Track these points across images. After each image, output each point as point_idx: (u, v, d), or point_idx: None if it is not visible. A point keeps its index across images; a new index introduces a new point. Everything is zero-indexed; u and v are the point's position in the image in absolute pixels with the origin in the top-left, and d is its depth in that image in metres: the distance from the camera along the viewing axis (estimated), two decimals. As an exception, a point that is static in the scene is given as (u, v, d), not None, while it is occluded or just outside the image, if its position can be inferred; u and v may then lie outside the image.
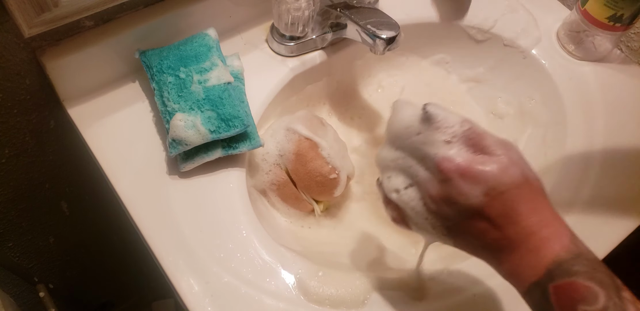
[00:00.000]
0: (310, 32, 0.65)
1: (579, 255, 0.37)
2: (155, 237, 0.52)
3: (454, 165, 0.39)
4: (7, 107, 0.59)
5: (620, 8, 0.63)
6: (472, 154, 0.39)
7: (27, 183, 0.71)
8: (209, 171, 0.56)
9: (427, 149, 0.41)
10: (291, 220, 0.63)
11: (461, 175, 0.38)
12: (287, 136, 0.60)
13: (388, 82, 0.76)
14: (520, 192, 0.38)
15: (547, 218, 0.39)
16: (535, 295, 0.37)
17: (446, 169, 0.39)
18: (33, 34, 0.50)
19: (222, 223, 0.54)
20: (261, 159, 0.61)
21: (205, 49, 0.57)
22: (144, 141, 0.58)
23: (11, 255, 0.82)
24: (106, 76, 0.60)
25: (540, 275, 0.37)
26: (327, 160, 0.59)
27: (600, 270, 0.37)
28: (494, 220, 0.38)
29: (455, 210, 0.40)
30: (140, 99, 0.61)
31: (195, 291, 0.49)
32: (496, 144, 0.40)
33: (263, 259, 0.52)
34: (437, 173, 0.40)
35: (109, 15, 0.58)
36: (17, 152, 0.65)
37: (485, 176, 0.38)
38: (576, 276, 0.36)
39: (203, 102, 0.54)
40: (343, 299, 0.51)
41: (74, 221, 0.84)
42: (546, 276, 0.37)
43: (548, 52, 0.71)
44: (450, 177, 0.39)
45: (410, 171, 0.42)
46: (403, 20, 0.62)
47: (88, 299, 1.09)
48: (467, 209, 0.39)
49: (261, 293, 0.50)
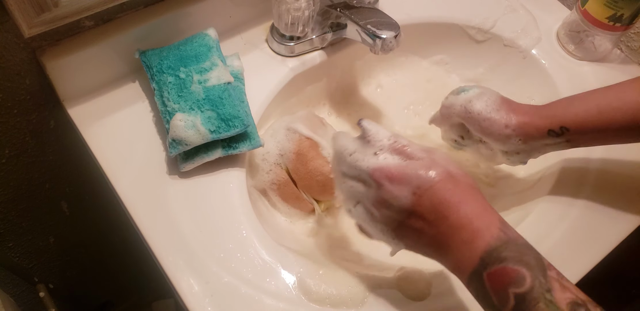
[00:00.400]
0: (310, 32, 0.65)
1: (507, 242, 0.40)
2: (155, 237, 0.52)
3: (382, 172, 0.43)
4: (7, 107, 0.59)
5: (620, 8, 0.63)
6: (399, 161, 0.44)
7: (27, 183, 0.71)
8: (209, 171, 0.56)
9: (360, 164, 0.45)
10: (291, 220, 0.63)
11: (390, 179, 0.43)
12: (288, 135, 0.60)
13: (388, 82, 0.76)
14: (444, 186, 0.42)
15: (475, 210, 0.42)
16: (474, 284, 0.41)
17: (377, 177, 0.43)
18: (33, 34, 0.50)
19: (222, 223, 0.54)
20: (261, 158, 0.61)
21: (205, 49, 0.57)
22: (144, 141, 0.58)
23: (11, 255, 0.82)
24: (106, 76, 0.60)
25: (475, 264, 0.40)
26: (327, 159, 0.59)
27: (527, 254, 0.40)
28: (426, 217, 0.42)
29: (393, 212, 0.43)
30: (140, 99, 0.61)
31: (195, 291, 0.49)
32: (419, 150, 0.45)
33: (263, 259, 0.52)
34: (372, 183, 0.44)
35: (109, 15, 0.58)
36: (17, 152, 0.65)
37: (410, 176, 0.42)
38: (506, 262, 0.39)
39: (203, 102, 0.54)
40: (343, 298, 0.51)
41: (74, 221, 0.84)
42: (480, 265, 0.40)
43: (548, 52, 0.71)
44: (381, 183, 0.43)
45: (353, 190, 0.46)
46: (403, 20, 0.62)
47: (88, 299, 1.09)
48: (402, 209, 0.43)
49: (261, 293, 0.50)
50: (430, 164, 0.43)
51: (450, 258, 0.42)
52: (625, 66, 0.71)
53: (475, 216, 0.41)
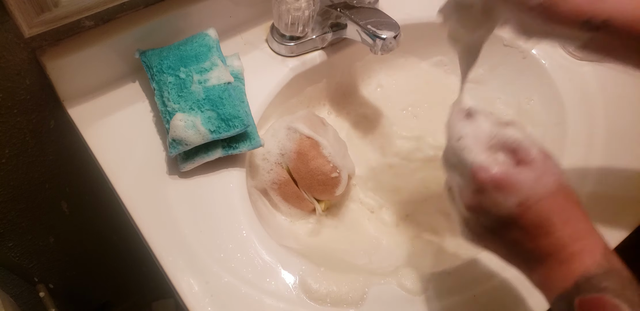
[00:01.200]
0: (310, 32, 0.65)
1: (609, 271, 0.37)
2: (155, 237, 0.52)
3: (489, 176, 0.39)
4: (7, 107, 0.59)
5: (621, 8, 0.62)
6: (507, 164, 0.39)
7: (27, 183, 0.71)
8: (209, 171, 0.56)
9: (465, 156, 0.40)
10: (292, 219, 0.63)
11: (495, 186, 0.38)
12: (289, 135, 0.60)
13: (387, 82, 0.76)
14: (554, 201, 0.38)
15: (580, 230, 0.38)
16: (561, 307, 0.37)
17: (481, 180, 0.39)
18: (33, 34, 0.50)
19: (222, 223, 0.54)
20: (262, 158, 0.61)
21: (206, 49, 0.57)
22: (144, 141, 0.58)
23: (11, 255, 0.82)
24: (106, 76, 0.60)
25: (568, 287, 0.37)
26: (328, 159, 0.59)
27: (630, 288, 0.36)
28: (528, 230, 0.38)
29: (489, 220, 0.40)
30: (140, 99, 0.61)
31: (195, 291, 0.49)
32: (534, 150, 0.40)
33: (263, 259, 0.52)
34: (472, 182, 0.40)
35: (109, 15, 0.58)
36: (17, 153, 0.65)
37: (519, 186, 0.38)
38: (604, 292, 0.36)
39: (203, 102, 0.54)
40: (343, 297, 0.51)
41: (74, 221, 0.84)
42: (574, 289, 0.37)
43: (548, 52, 0.71)
44: (484, 188, 0.39)
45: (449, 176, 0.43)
46: (403, 20, 0.62)
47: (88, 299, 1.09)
48: (500, 219, 0.39)
49: (261, 293, 0.50)
50: (544, 172, 0.39)
51: (539, 275, 0.39)
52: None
53: (580, 237, 0.38)
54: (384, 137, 0.71)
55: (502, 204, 0.38)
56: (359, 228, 0.64)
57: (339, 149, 0.62)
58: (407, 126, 0.72)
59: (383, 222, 0.65)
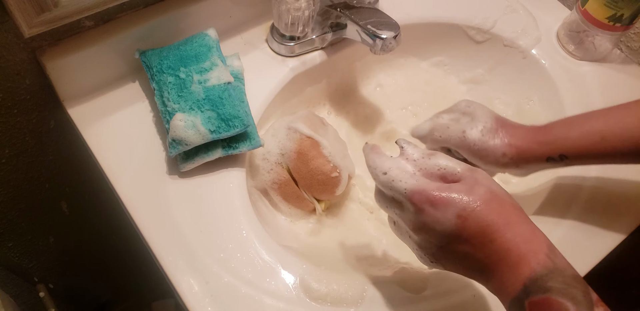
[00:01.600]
0: (310, 32, 0.65)
1: (554, 271, 0.38)
2: (155, 237, 0.52)
3: (423, 196, 0.41)
4: (7, 107, 0.59)
5: (620, 8, 0.63)
6: (439, 183, 0.42)
7: (27, 183, 0.71)
8: (209, 171, 0.56)
9: (396, 186, 0.42)
10: (292, 219, 0.63)
11: (432, 203, 0.40)
12: (289, 134, 0.60)
13: (387, 82, 0.76)
14: (490, 208, 0.40)
15: (522, 232, 0.40)
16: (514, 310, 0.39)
17: (416, 201, 0.41)
18: (33, 34, 0.50)
19: (222, 222, 0.54)
20: (262, 158, 0.61)
21: (205, 49, 0.57)
22: (144, 141, 0.58)
23: (11, 255, 0.82)
24: (106, 76, 0.60)
25: (518, 291, 0.38)
26: (328, 159, 0.59)
27: (575, 286, 0.37)
28: (472, 241, 0.40)
29: (434, 237, 0.41)
30: (140, 99, 0.61)
31: (195, 291, 0.49)
32: (460, 168, 0.43)
33: (263, 259, 0.52)
34: (410, 206, 0.41)
35: (109, 15, 0.58)
36: (17, 152, 0.65)
37: (453, 200, 0.40)
38: (550, 292, 0.37)
39: (203, 102, 0.54)
40: (343, 297, 0.51)
41: (74, 221, 0.84)
42: (523, 292, 0.38)
43: (548, 52, 0.71)
44: (422, 208, 0.41)
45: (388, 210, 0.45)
46: (403, 20, 0.62)
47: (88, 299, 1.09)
48: (445, 234, 0.40)
49: (261, 293, 0.50)
50: (474, 183, 0.41)
51: (493, 281, 0.40)
52: (625, 66, 0.71)
53: (522, 240, 0.39)
54: (384, 137, 0.71)
55: (443, 219, 0.40)
56: (359, 228, 0.64)
57: (339, 149, 0.62)
58: (406, 124, 0.72)
59: (383, 222, 0.65)
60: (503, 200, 0.41)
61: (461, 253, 0.41)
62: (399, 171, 0.43)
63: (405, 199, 0.42)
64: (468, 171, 0.42)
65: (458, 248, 0.40)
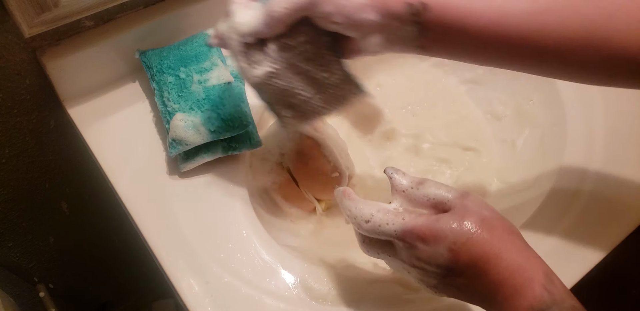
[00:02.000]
0: (310, 32, 0.64)
1: (551, 306, 0.37)
2: (156, 237, 0.52)
3: (414, 234, 0.40)
4: (7, 107, 0.59)
5: (620, 8, 0.63)
6: (426, 217, 0.40)
7: (27, 183, 0.71)
8: (209, 171, 0.57)
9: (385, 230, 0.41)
10: (293, 219, 0.63)
11: (422, 241, 0.40)
12: (289, 134, 0.60)
13: (387, 81, 0.76)
14: (482, 237, 0.39)
15: (516, 261, 0.39)
16: None
17: (410, 240, 0.40)
18: (33, 34, 0.50)
19: (222, 223, 0.54)
20: (262, 158, 0.61)
21: (206, 49, 0.57)
22: (144, 141, 0.58)
23: (11, 255, 0.82)
24: (106, 76, 0.60)
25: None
26: (329, 159, 0.59)
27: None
28: (467, 273, 0.39)
29: (430, 272, 0.41)
30: (140, 99, 0.61)
31: (195, 291, 0.49)
32: (448, 199, 0.41)
33: (263, 259, 0.52)
34: (401, 245, 0.41)
35: (109, 15, 0.58)
36: (17, 152, 0.65)
37: (443, 234, 0.39)
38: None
39: (203, 102, 0.54)
40: (344, 296, 0.51)
41: (74, 221, 0.84)
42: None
43: (548, 52, 0.71)
44: (414, 245, 0.40)
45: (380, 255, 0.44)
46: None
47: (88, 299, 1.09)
48: (441, 267, 0.40)
49: (261, 293, 0.50)
50: (464, 213, 0.40)
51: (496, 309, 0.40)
52: (625, 66, 0.71)
53: (516, 269, 0.38)
54: (384, 137, 0.71)
55: (436, 254, 0.39)
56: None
57: (339, 149, 0.62)
58: (406, 124, 0.72)
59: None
60: (494, 227, 0.40)
61: (458, 285, 0.40)
62: (383, 214, 0.42)
63: (397, 239, 0.41)
64: (458, 198, 0.41)
65: (456, 280, 0.40)
